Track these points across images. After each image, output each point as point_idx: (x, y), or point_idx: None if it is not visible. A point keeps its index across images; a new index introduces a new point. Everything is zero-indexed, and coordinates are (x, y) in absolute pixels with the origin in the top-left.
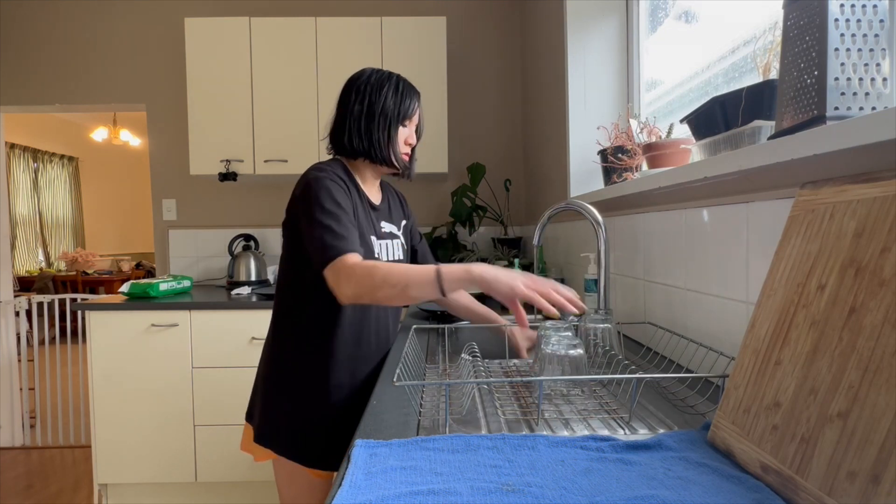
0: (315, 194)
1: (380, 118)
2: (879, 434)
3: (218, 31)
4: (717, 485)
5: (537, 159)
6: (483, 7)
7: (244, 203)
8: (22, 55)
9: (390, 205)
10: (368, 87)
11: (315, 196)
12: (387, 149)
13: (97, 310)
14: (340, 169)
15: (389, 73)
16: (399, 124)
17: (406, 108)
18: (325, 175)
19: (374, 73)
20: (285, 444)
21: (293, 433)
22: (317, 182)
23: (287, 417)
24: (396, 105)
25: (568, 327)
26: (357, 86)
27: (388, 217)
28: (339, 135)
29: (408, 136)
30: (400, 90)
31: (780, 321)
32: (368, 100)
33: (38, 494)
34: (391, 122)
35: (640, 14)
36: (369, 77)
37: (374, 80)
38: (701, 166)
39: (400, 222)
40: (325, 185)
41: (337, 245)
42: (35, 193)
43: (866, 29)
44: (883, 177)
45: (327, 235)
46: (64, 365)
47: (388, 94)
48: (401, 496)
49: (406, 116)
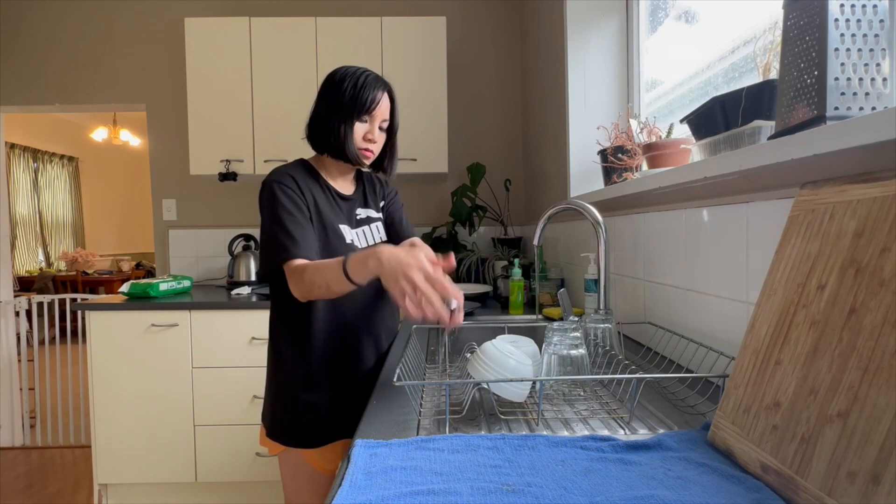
0: (264, 201)
1: (335, 113)
2: (879, 434)
3: (218, 31)
4: (717, 485)
5: (537, 159)
6: (483, 7)
7: (244, 203)
8: (22, 55)
9: (366, 191)
10: (332, 84)
11: (263, 203)
12: (342, 143)
13: (97, 310)
14: (297, 169)
15: (357, 69)
16: (356, 119)
17: (363, 102)
18: (275, 178)
19: (342, 70)
20: (288, 434)
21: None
22: (266, 188)
23: (285, 407)
24: (353, 99)
25: (576, 328)
26: (325, 83)
27: (363, 203)
28: (308, 133)
29: (367, 131)
30: (360, 84)
31: (780, 321)
32: (329, 96)
33: (38, 494)
34: (345, 116)
35: (640, 14)
36: (334, 74)
37: (339, 76)
38: (701, 166)
39: (379, 203)
40: (273, 190)
41: (278, 254)
42: (35, 193)
43: (866, 29)
44: (883, 177)
45: (271, 243)
46: (64, 365)
47: (346, 88)
48: (401, 496)
49: (363, 111)
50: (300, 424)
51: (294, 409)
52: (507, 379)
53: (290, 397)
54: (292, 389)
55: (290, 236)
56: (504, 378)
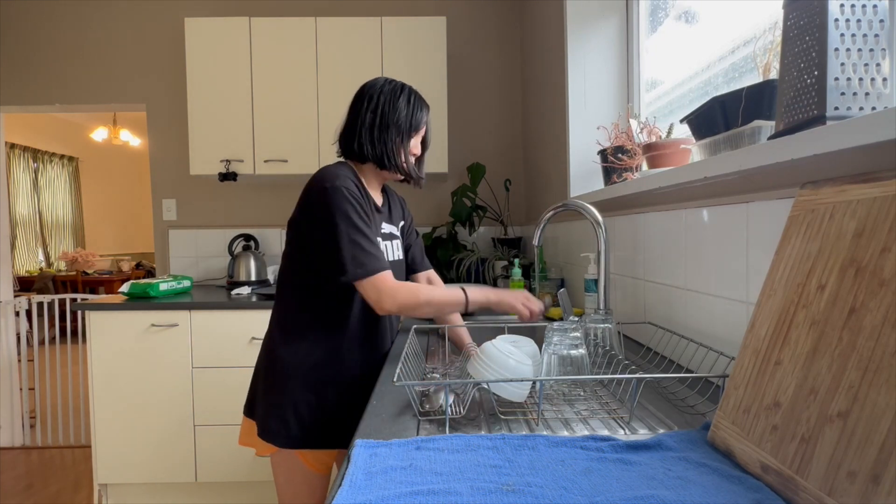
0: (338, 205)
1: (392, 128)
2: (879, 434)
3: (218, 31)
4: (717, 485)
5: (537, 159)
6: (483, 7)
7: (244, 203)
8: (22, 55)
9: (391, 206)
10: (382, 96)
11: (338, 207)
12: (398, 158)
13: (97, 310)
14: (352, 174)
15: (402, 85)
16: (410, 136)
17: (418, 121)
18: (344, 185)
19: (388, 83)
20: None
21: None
22: (338, 193)
23: (295, 411)
24: (409, 117)
25: (576, 328)
26: (370, 94)
27: (388, 218)
28: (350, 140)
29: (413, 146)
30: (412, 102)
31: (780, 321)
32: (381, 109)
33: (38, 494)
34: (403, 133)
35: (640, 14)
36: (383, 86)
37: (388, 89)
38: (701, 166)
39: (399, 223)
40: (348, 196)
41: (372, 263)
42: (35, 193)
43: (866, 29)
44: (883, 177)
45: (359, 251)
46: (64, 365)
47: (401, 105)
48: (401, 496)
49: (416, 128)
50: (303, 425)
51: (296, 409)
52: (507, 379)
53: (292, 398)
54: (296, 390)
55: (376, 246)
56: (504, 378)
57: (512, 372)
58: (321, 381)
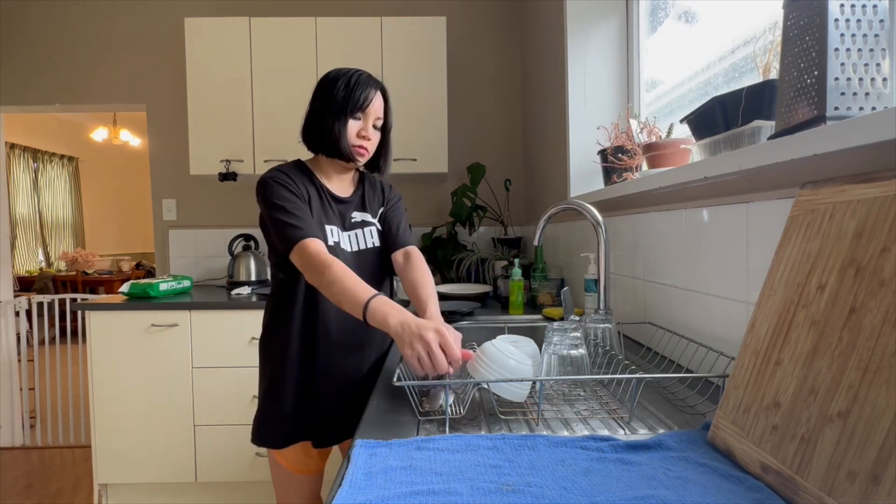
0: (264, 193)
1: (329, 112)
2: (879, 434)
3: (218, 31)
4: (717, 485)
5: (537, 159)
6: (483, 7)
7: (244, 203)
8: (22, 55)
9: (365, 195)
10: (325, 83)
11: (264, 194)
12: (336, 141)
13: (97, 310)
14: (291, 168)
15: (350, 70)
16: (349, 117)
17: (357, 100)
18: (270, 175)
19: (335, 71)
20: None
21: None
22: (264, 184)
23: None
24: (346, 97)
25: (576, 328)
26: (319, 84)
27: (360, 207)
28: (303, 132)
29: (361, 128)
30: (352, 83)
31: (780, 321)
32: (322, 95)
33: (38, 494)
34: (339, 114)
35: (640, 14)
36: (327, 74)
37: (332, 76)
38: (701, 166)
39: (377, 209)
40: (271, 184)
41: (293, 231)
42: (35, 193)
43: (866, 29)
44: (883, 177)
45: (282, 224)
46: (64, 365)
47: (339, 87)
48: (401, 496)
49: (357, 108)
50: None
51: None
52: (507, 379)
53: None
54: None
55: (293, 216)
56: (504, 378)
57: (512, 372)
58: (275, 376)
